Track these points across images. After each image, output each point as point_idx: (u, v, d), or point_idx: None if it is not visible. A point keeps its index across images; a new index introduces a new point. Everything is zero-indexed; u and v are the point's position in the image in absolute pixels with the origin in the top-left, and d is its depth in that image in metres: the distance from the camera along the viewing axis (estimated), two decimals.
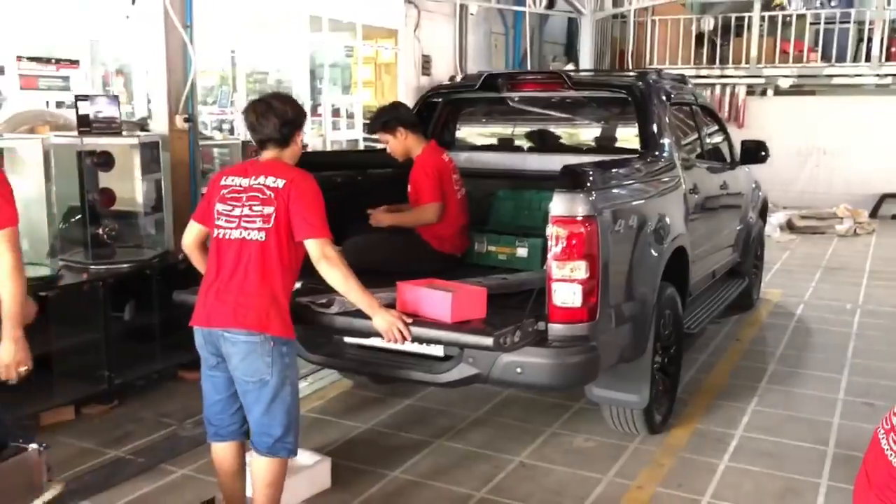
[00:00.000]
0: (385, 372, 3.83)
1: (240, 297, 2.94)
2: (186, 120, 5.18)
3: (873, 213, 12.94)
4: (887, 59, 12.95)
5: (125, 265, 4.83)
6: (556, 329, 3.35)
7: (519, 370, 3.33)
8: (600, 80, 5.09)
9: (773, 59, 13.60)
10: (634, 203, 3.83)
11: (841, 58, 13.24)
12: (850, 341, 6.19)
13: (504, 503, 3.64)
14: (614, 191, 3.63)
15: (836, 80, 13.38)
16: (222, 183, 3.09)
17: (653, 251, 3.95)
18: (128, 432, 4.40)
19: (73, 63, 9.74)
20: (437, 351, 3.61)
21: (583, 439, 4.32)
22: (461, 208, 4.37)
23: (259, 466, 3.08)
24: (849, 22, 13.43)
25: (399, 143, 4.34)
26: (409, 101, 14.24)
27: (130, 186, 5.11)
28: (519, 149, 5.39)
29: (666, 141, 4.57)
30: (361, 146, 13.51)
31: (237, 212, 2.99)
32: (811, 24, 13.46)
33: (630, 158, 4.23)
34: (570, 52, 19.18)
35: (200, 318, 3.04)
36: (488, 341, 3.08)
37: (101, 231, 4.88)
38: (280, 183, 2.97)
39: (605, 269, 3.42)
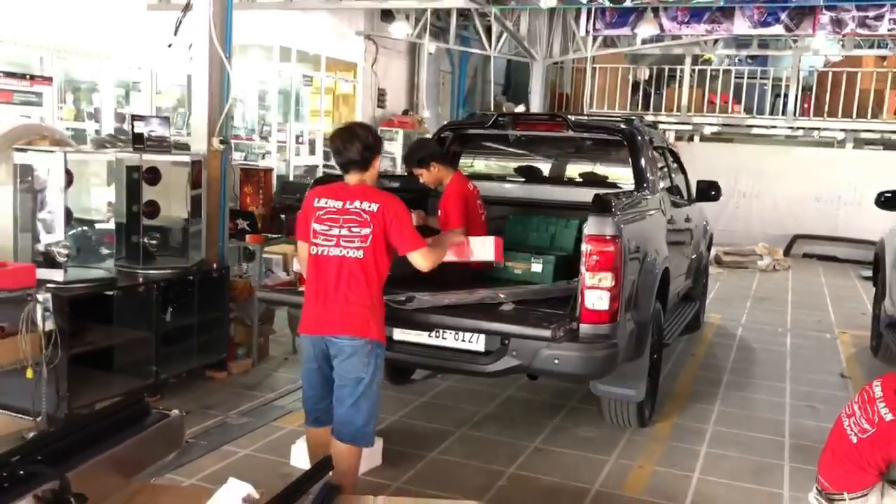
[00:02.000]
0: (437, 364, 4.45)
1: (344, 307, 3.44)
2: (222, 142, 5.68)
3: (786, 252, 14.26)
4: (801, 114, 14.41)
5: (171, 270, 5.28)
6: (586, 328, 4.07)
7: (556, 361, 4.03)
8: (595, 123, 5.87)
9: (702, 108, 14.92)
10: (640, 229, 4.60)
11: (760, 110, 14.66)
12: (786, 358, 7.15)
13: (534, 477, 4.30)
14: (627, 218, 4.38)
15: (754, 130, 14.78)
16: (316, 205, 3.54)
17: (653, 269, 4.74)
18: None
19: (46, 80, 10.07)
20: (480, 347, 4.28)
21: (583, 430, 5.04)
22: (484, 229, 5.04)
23: (339, 453, 3.50)
24: (767, 78, 14.88)
25: (432, 175, 4.97)
26: None
27: (167, 199, 5.57)
28: (524, 180, 6.13)
29: (653, 178, 5.40)
30: (320, 172, 14.08)
31: (335, 231, 3.47)
32: (735, 78, 14.87)
33: (632, 192, 5.01)
34: (508, 92, 20.31)
35: (310, 327, 3.53)
36: (547, 333, 3.77)
37: (146, 239, 5.33)
38: (374, 207, 3.47)
39: (623, 281, 4.17)
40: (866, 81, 13.95)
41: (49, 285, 4.35)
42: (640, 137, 5.44)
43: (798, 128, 14.54)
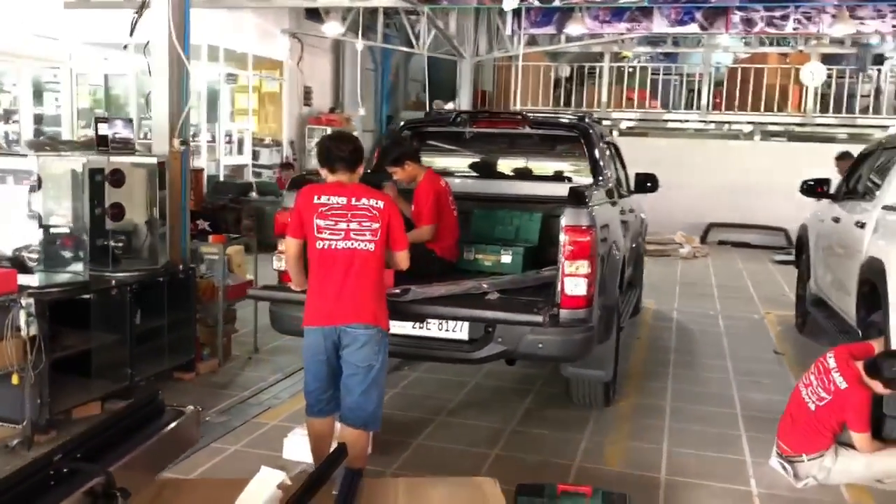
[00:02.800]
0: (425, 354, 4.61)
1: (356, 297, 3.57)
2: (182, 143, 5.67)
3: (703, 239, 15.00)
4: (713, 109, 15.18)
5: (141, 273, 5.25)
6: (565, 313, 4.31)
7: (540, 345, 4.27)
8: (552, 120, 6.12)
9: (620, 104, 15.52)
10: (606, 219, 4.88)
11: (675, 105, 15.37)
12: (722, 338, 7.62)
13: (518, 456, 4.52)
14: (596, 209, 4.65)
15: (669, 125, 15.48)
16: (316, 201, 3.63)
17: (616, 257, 5.03)
18: None
19: None
20: (463, 335, 4.48)
21: (553, 412, 5.29)
22: (455, 225, 5.23)
23: (351, 439, 3.59)
24: (681, 74, 15.60)
25: (406, 173, 5.13)
26: (293, 129, 14.91)
27: (130, 202, 5.52)
28: (485, 176, 6.33)
29: (607, 171, 5.70)
30: (250, 171, 13.96)
31: (342, 226, 3.59)
32: (651, 75, 15.52)
33: (593, 185, 5.29)
34: (427, 90, 20.52)
35: (321, 318, 3.61)
36: (539, 319, 4.00)
37: (112, 242, 5.27)
38: (381, 204, 3.64)
39: (596, 268, 4.43)
40: (772, 77, 14.81)
41: (28, 290, 4.29)
42: (593, 133, 5.74)
43: (710, 121, 15.32)
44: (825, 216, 7.05)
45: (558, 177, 6.16)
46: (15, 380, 4.12)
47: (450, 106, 14.77)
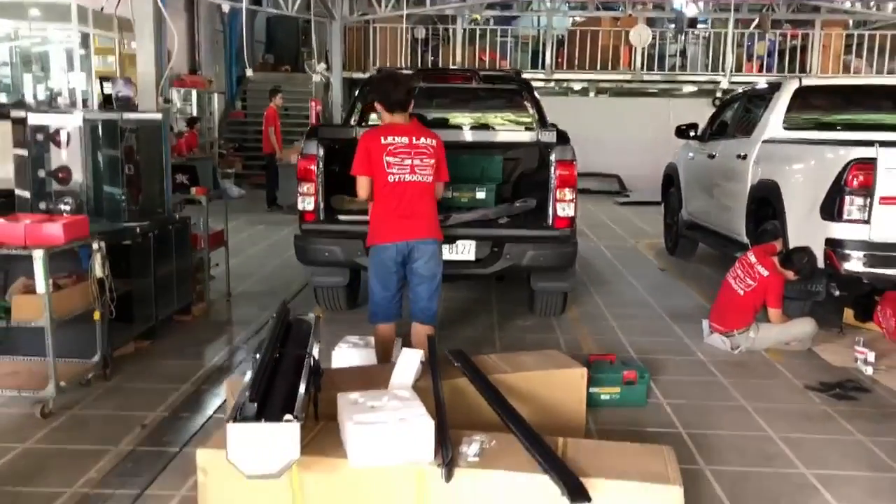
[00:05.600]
0: (451, 273, 5.38)
1: (424, 218, 4.33)
2: (166, 101, 6.04)
3: None
4: (556, 68, 16.73)
5: (152, 223, 5.62)
6: (557, 231, 5.33)
7: (542, 258, 5.26)
8: (497, 76, 7.01)
9: (473, 65, 16.65)
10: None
11: (523, 65, 16.75)
12: (614, 262, 9.05)
13: (517, 347, 5.47)
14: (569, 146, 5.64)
15: None
16: (383, 142, 4.28)
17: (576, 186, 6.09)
18: (197, 353, 5.39)
19: None
20: (471, 256, 5.38)
21: (521, 321, 6.31)
22: None
23: (422, 331, 4.44)
24: (528, 37, 17.00)
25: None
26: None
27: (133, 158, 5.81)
28: (444, 126, 7.13)
29: (546, 118, 6.74)
30: None
31: (408, 162, 4.28)
32: (500, 37, 16.79)
33: (555, 127, 6.21)
34: (271, 50, 20.67)
35: (396, 235, 4.29)
36: (557, 234, 5.01)
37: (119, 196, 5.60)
38: (434, 142, 4.38)
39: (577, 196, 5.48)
40: (605, 39, 16.55)
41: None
42: (530, 86, 6.75)
43: (553, 80, 16.84)
44: (696, 154, 8.55)
45: (510, 124, 7.13)
46: (96, 316, 4.50)
47: (322, 67, 15.17)
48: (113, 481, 3.53)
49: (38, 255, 4.07)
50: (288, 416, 2.70)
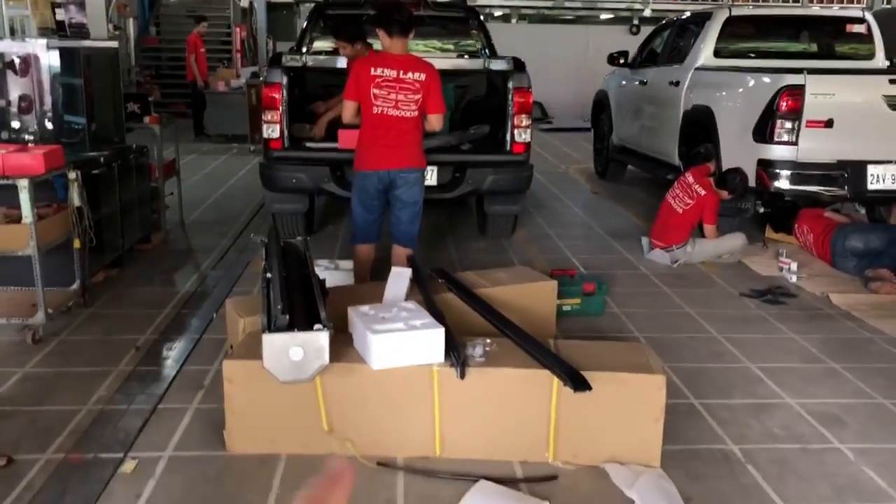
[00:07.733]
0: None
1: (408, 149, 4.51)
2: (115, 28, 5.95)
3: None
4: None
5: (114, 152, 5.62)
6: (516, 156, 5.63)
7: (502, 182, 5.56)
8: (446, 2, 7.13)
9: None
10: None
11: None
12: (548, 186, 9.41)
13: (476, 266, 5.82)
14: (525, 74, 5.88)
15: None
16: (373, 73, 4.39)
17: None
18: (167, 279, 5.51)
19: None
20: (433, 181, 5.63)
21: (475, 244, 6.65)
22: None
23: (402, 252, 4.71)
24: None
25: (354, 51, 5.90)
26: None
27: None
28: None
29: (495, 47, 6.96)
30: None
31: (393, 96, 4.41)
32: None
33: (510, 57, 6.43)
34: None
35: (379, 163, 4.50)
36: (514, 158, 5.28)
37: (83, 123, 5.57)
38: (422, 77, 4.46)
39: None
40: None
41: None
42: (478, 14, 6.93)
43: (475, 6, 16.88)
44: (627, 82, 8.95)
45: (460, 52, 7.30)
46: (77, 244, 4.57)
47: None
48: (122, 399, 3.71)
49: (23, 185, 4.10)
50: (318, 325, 2.96)
